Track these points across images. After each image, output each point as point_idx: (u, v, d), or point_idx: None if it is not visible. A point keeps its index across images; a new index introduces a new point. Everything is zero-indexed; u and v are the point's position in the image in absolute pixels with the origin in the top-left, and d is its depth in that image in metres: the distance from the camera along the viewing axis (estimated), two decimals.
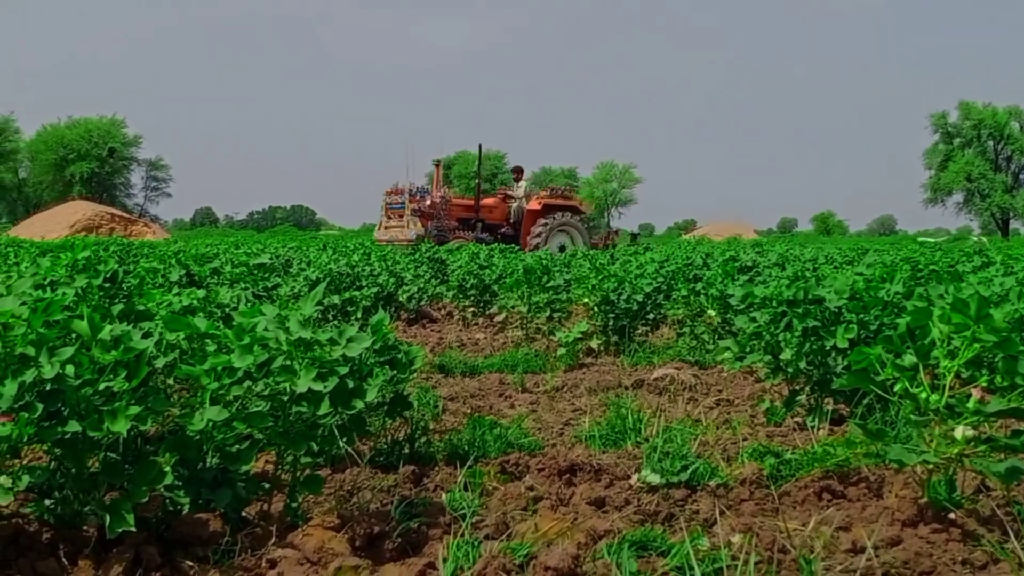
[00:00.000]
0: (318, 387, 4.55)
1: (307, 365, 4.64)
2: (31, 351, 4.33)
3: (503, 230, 35.63)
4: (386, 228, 35.34)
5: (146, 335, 4.68)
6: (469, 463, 5.73)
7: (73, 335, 4.52)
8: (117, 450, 4.42)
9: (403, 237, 33.15)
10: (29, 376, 4.24)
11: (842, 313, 6.81)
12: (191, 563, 4.30)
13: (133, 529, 4.19)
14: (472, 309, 15.97)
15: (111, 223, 63.02)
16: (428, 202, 34.73)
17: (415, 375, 6.18)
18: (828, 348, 6.78)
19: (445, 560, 4.19)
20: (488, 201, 37.01)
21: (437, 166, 38.00)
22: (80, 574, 4.15)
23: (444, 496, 5.19)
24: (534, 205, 35.90)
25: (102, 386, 4.34)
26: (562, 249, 30.62)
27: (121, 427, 4.23)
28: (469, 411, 7.63)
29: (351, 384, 4.70)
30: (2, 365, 4.38)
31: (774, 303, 7.22)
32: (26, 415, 4.25)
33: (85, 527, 4.47)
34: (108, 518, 4.23)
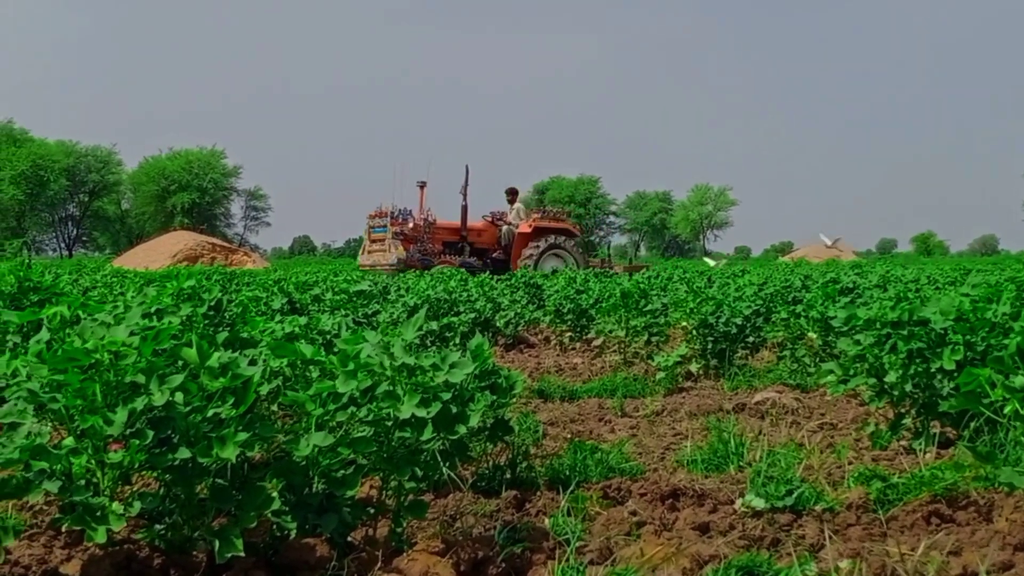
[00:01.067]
0: (421, 413, 4.51)
1: (410, 391, 4.64)
2: (141, 379, 4.36)
3: (494, 254, 34.11)
4: (369, 253, 33.55)
5: (252, 362, 4.63)
6: (571, 488, 5.63)
7: (181, 363, 4.48)
8: (225, 476, 4.42)
9: (384, 262, 31.60)
10: (140, 403, 4.27)
11: (948, 334, 6.60)
12: None
13: (242, 554, 4.19)
14: (569, 334, 15.72)
15: (212, 252, 63.21)
16: (411, 225, 33.15)
17: (515, 400, 6.05)
18: (934, 370, 6.61)
19: None
20: (476, 224, 35.14)
21: (421, 188, 36.25)
22: None
23: (547, 521, 5.12)
24: (525, 228, 34.01)
25: (210, 413, 4.34)
26: (554, 272, 29.44)
27: (230, 453, 4.22)
28: (569, 436, 7.52)
29: (454, 410, 4.65)
30: (113, 393, 4.38)
31: (877, 325, 6.99)
32: (137, 442, 4.24)
33: (195, 552, 4.46)
34: (217, 543, 4.22)
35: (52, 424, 4.64)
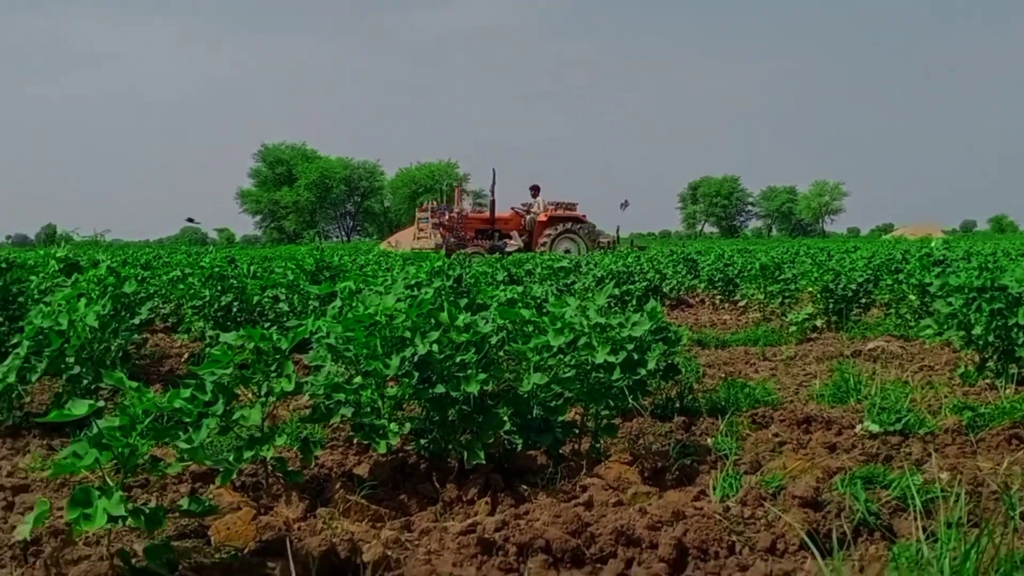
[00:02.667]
0: (612, 359, 4.96)
1: (603, 343, 5.02)
2: (408, 334, 4.84)
3: (522, 238, 35.68)
4: (417, 239, 35.60)
5: (486, 322, 5.45)
6: (728, 415, 6.01)
7: (436, 322, 5.27)
8: (469, 404, 4.87)
9: (427, 246, 33.28)
10: (408, 352, 4.76)
11: (1022, 296, 7.11)
12: (525, 487, 4.76)
13: (484, 462, 4.70)
14: (719, 296, 16.67)
15: None
16: (447, 216, 35.20)
17: (680, 348, 6.58)
18: (1011, 325, 6.91)
19: (715, 488, 4.50)
20: (503, 215, 36.92)
21: (457, 187, 38.83)
22: (448, 494, 4.62)
23: (709, 440, 5.51)
24: (542, 217, 36.04)
25: (458, 359, 4.77)
26: (567, 252, 30.38)
27: (473, 388, 4.68)
28: (723, 375, 8.00)
29: (636, 357, 5.06)
30: (388, 344, 5.15)
31: (965, 290, 7.48)
32: (407, 380, 4.86)
33: (449, 459, 4.99)
34: (466, 453, 4.75)
35: (344, 367, 5.26)
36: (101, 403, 3.69)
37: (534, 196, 36.97)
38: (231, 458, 4.47)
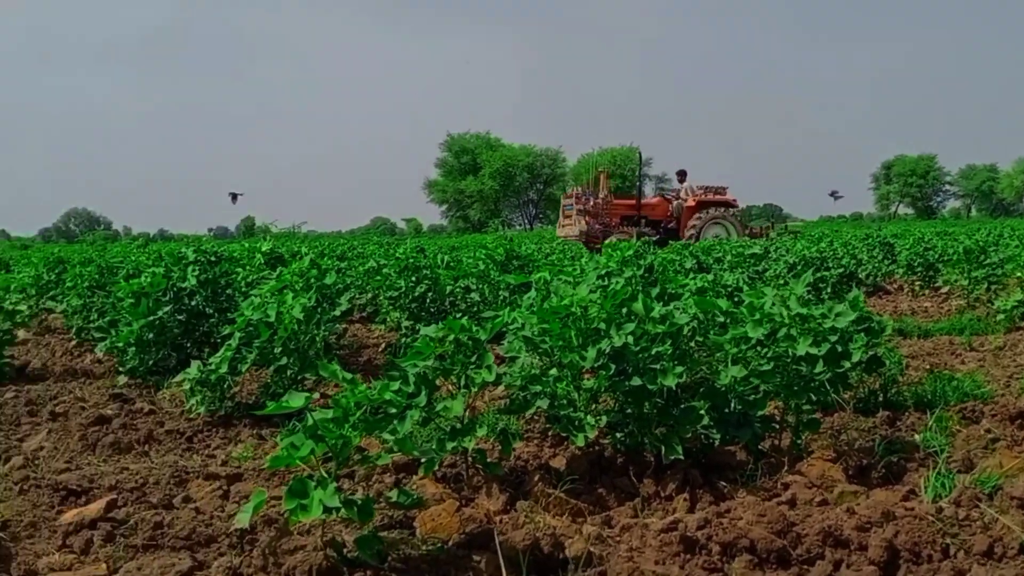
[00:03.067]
0: (814, 351, 4.81)
1: (804, 334, 4.88)
2: (603, 326, 4.82)
3: (670, 225, 34.10)
4: (562, 226, 34.34)
5: (681, 312, 5.39)
6: (937, 410, 5.79)
7: (629, 312, 5.26)
8: (664, 397, 4.81)
9: (572, 234, 32.19)
10: (604, 345, 4.73)
11: None
12: (724, 483, 4.68)
13: (681, 457, 4.65)
14: (919, 283, 15.96)
15: None
16: (592, 203, 33.74)
17: (884, 339, 6.35)
18: None
19: (925, 488, 4.32)
20: (651, 200, 35.80)
21: (602, 173, 37.19)
22: (645, 489, 4.59)
23: (916, 436, 5.32)
24: (691, 202, 34.23)
25: (654, 351, 4.73)
26: (716, 238, 28.86)
27: (671, 381, 4.60)
28: (928, 367, 7.66)
29: (839, 348, 4.89)
30: (583, 336, 5.19)
31: None
32: (603, 373, 4.96)
33: (645, 454, 4.93)
34: (663, 448, 4.70)
35: (539, 358, 5.24)
36: (316, 395, 3.80)
37: (681, 181, 36.07)
38: (433, 448, 4.54)
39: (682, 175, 36.30)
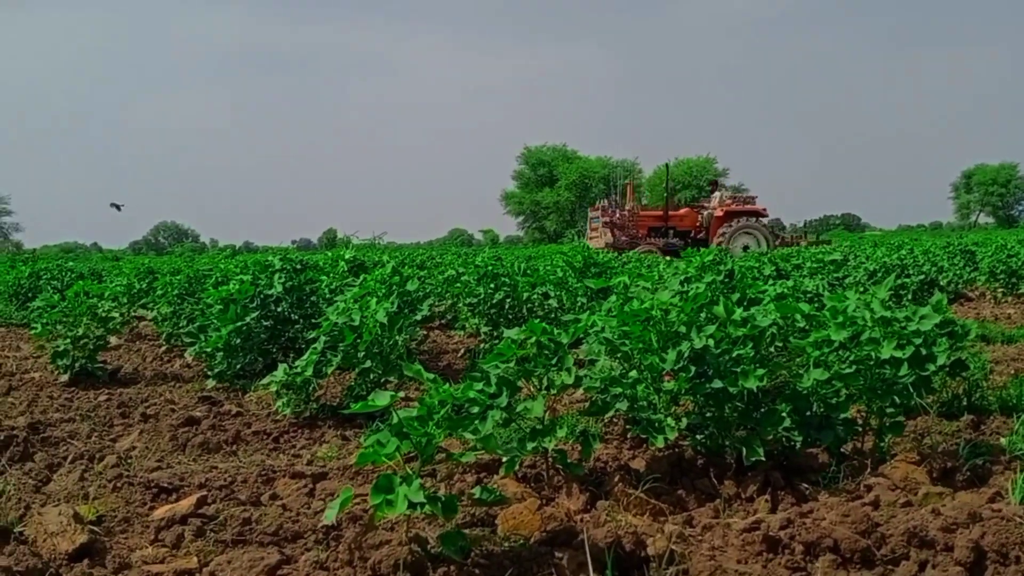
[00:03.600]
0: (898, 354, 4.72)
1: (888, 337, 4.82)
2: (683, 329, 4.81)
3: (699, 235, 34.05)
4: (590, 239, 34.33)
5: (763, 315, 5.36)
6: (1022, 415, 5.62)
7: (710, 316, 5.23)
8: (745, 400, 4.79)
9: (598, 245, 31.94)
10: (684, 347, 4.71)
11: None
12: (806, 486, 4.64)
13: (763, 459, 4.63)
14: (1001, 290, 15.77)
15: None
16: (618, 215, 33.94)
17: (968, 343, 6.21)
18: None
19: (1013, 490, 4.23)
20: (680, 211, 35.51)
21: (628, 184, 36.92)
22: (726, 490, 4.55)
23: (1002, 440, 5.20)
24: (719, 212, 34.13)
25: (735, 353, 4.72)
26: (745, 248, 28.28)
27: (752, 384, 4.59)
28: (1012, 372, 7.49)
29: (923, 352, 4.80)
30: (663, 339, 5.17)
31: None
32: (683, 375, 4.94)
33: (725, 456, 4.92)
34: (744, 450, 4.68)
35: (618, 361, 5.28)
36: (401, 394, 3.84)
37: (712, 191, 35.94)
38: (514, 447, 4.57)
39: (714, 185, 36.34)
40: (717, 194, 35.76)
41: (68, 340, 8.81)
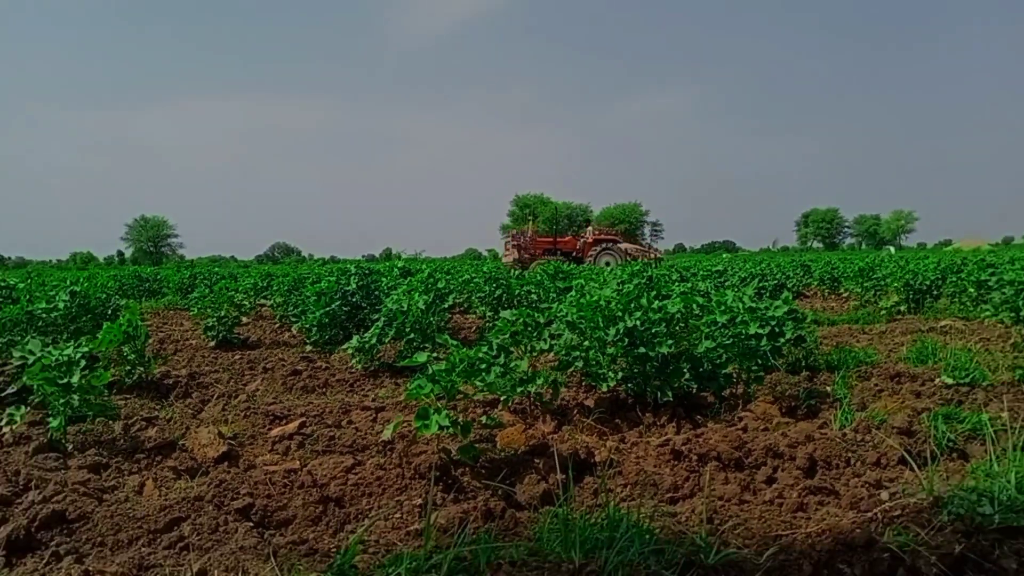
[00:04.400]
0: (760, 331, 4.78)
1: (754, 320, 4.98)
2: (620, 313, 4.95)
3: (575, 255, 33.97)
4: (504, 256, 34.22)
5: (671, 305, 5.37)
6: (842, 372, 5.69)
7: (635, 305, 5.27)
8: (659, 361, 4.78)
9: (509, 261, 32.03)
10: (620, 326, 4.76)
11: None
12: (700, 417, 4.62)
13: (671, 399, 4.65)
14: (827, 290, 15.76)
15: (636, 252, 68.32)
16: (522, 240, 33.77)
17: (806, 325, 6.22)
18: None
19: (834, 420, 4.27)
20: (565, 238, 35.54)
21: (530, 217, 37.34)
22: (647, 420, 4.52)
23: (828, 388, 5.20)
24: (589, 239, 34.53)
25: (653, 330, 4.87)
26: (607, 264, 28.78)
27: (664, 350, 4.63)
28: (834, 344, 7.48)
29: (777, 330, 4.87)
30: (606, 320, 5.17)
31: (1016, 283, 6.86)
32: (620, 344, 4.98)
33: (647, 397, 4.83)
34: (659, 394, 4.68)
35: (577, 335, 5.55)
36: (434, 355, 3.83)
37: (586, 226, 36.64)
38: (508, 390, 4.55)
39: (587, 223, 37.30)
40: (589, 228, 36.20)
41: (214, 318, 8.78)
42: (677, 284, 7.52)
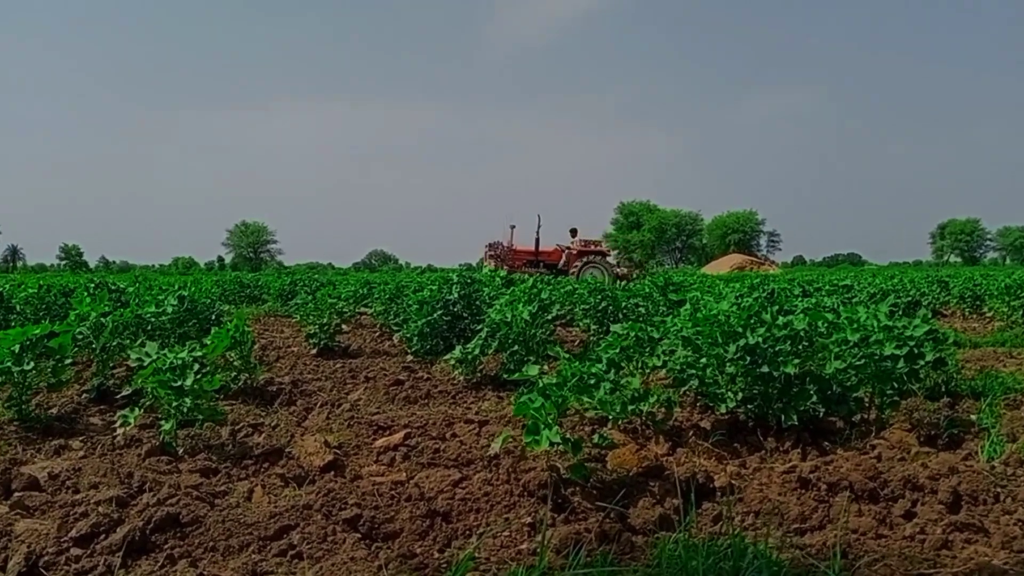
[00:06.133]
0: (897, 352, 4.62)
1: (889, 339, 4.84)
2: (740, 329, 4.80)
3: (561, 267, 32.25)
4: (482, 268, 32.94)
5: (797, 320, 5.24)
6: (988, 399, 5.43)
7: (757, 320, 5.17)
8: (783, 381, 4.66)
9: (486, 271, 30.96)
10: (741, 342, 4.71)
11: None
12: (827, 444, 4.51)
13: (796, 423, 4.53)
14: (967, 309, 15.02)
15: (751, 264, 70.36)
16: (500, 250, 32.13)
17: (946, 346, 5.93)
18: None
19: (981, 452, 4.12)
20: (547, 249, 33.56)
21: (512, 228, 34.77)
22: (769, 445, 4.45)
23: (972, 416, 4.99)
24: (574, 251, 32.55)
25: (777, 348, 4.78)
26: (593, 278, 27.15)
27: (790, 369, 4.47)
28: (978, 368, 7.13)
29: (916, 351, 4.71)
30: (725, 336, 5.10)
31: None
32: (740, 362, 4.91)
33: (769, 420, 4.74)
34: (783, 417, 4.57)
35: (691, 351, 5.08)
36: (545, 367, 3.87)
37: (573, 237, 34.67)
38: (618, 409, 4.55)
39: (574, 232, 35.09)
40: (576, 239, 34.64)
41: (316, 326, 9.12)
42: (800, 299, 7.31)
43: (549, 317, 7.63)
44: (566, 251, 34.06)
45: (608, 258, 34.60)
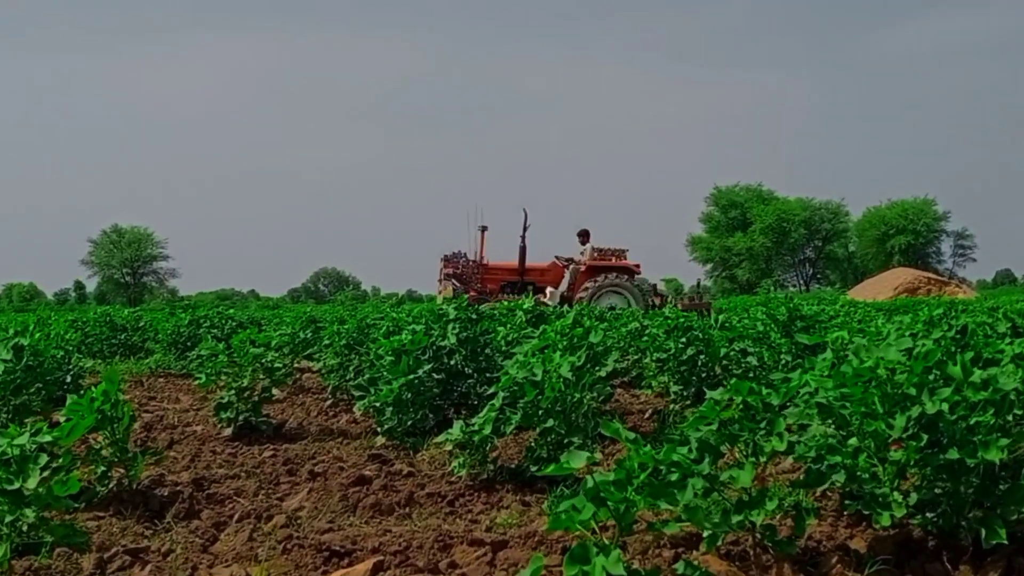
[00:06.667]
0: None
1: None
2: (913, 391, 4.71)
3: (563, 291, 30.70)
4: (438, 294, 31.16)
5: (1003, 376, 5.15)
6: None
7: (940, 376, 5.10)
8: (981, 473, 4.61)
9: (441, 300, 28.26)
10: (915, 412, 4.59)
11: None
12: None
13: (1005, 542, 4.40)
14: None
15: (928, 285, 68.23)
16: (460, 266, 31.08)
17: None
18: None
19: None
20: (540, 264, 32.28)
21: (482, 231, 32.25)
22: None
23: None
24: (582, 268, 31.09)
25: (973, 420, 4.74)
26: (612, 309, 25.00)
27: (994, 456, 4.38)
28: None
29: None
30: (889, 402, 5.06)
31: None
32: (913, 444, 4.83)
33: (960, 537, 4.70)
34: (983, 531, 4.47)
35: (833, 427, 5.15)
36: (599, 456, 3.84)
37: (583, 243, 32.79)
38: (717, 520, 4.50)
39: (583, 236, 33.07)
40: (587, 246, 32.54)
41: (232, 391, 9.13)
42: (1008, 342, 7.18)
43: (603, 374, 7.60)
44: (572, 266, 32.91)
45: (638, 278, 33.22)
